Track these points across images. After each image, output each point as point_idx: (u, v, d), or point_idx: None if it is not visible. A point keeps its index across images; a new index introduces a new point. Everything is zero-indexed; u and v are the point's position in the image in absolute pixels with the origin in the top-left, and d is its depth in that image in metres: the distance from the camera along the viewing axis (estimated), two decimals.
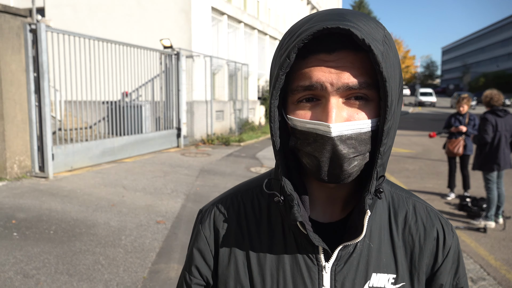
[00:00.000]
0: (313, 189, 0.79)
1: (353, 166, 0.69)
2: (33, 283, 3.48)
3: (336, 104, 0.67)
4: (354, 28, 0.63)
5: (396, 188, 0.87)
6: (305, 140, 0.69)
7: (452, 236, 0.83)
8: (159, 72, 11.00)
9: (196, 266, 0.85)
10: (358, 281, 0.77)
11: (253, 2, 19.42)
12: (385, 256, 0.79)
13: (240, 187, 0.90)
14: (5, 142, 6.81)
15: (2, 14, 6.70)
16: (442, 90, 76.18)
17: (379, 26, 0.69)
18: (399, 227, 0.82)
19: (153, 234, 4.67)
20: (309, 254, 0.77)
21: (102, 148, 8.62)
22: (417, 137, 16.00)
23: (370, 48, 0.63)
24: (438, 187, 7.41)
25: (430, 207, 0.86)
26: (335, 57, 0.66)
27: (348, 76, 0.65)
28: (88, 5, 13.96)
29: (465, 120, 6.43)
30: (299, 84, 0.68)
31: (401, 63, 17.62)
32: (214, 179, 7.49)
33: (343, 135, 0.66)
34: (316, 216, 0.80)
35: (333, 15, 0.67)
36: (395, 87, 0.67)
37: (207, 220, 0.86)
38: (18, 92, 7.01)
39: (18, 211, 5.24)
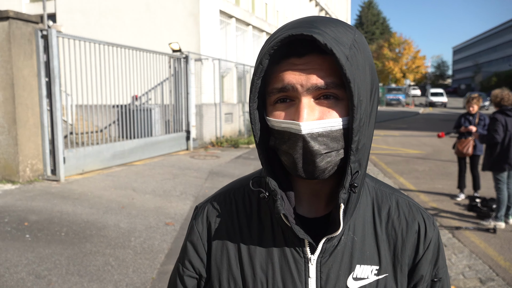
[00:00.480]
0: (298, 186, 0.84)
1: (327, 162, 0.73)
2: (44, 283, 3.54)
3: (307, 104, 0.71)
4: (317, 34, 0.68)
5: (381, 185, 0.92)
6: (281, 139, 0.75)
7: (433, 229, 0.87)
8: (168, 76, 11.09)
9: (189, 259, 0.90)
10: (343, 272, 0.81)
11: (261, 5, 19.48)
12: (369, 249, 0.83)
13: (233, 185, 0.95)
14: (18, 146, 6.94)
15: (14, 20, 6.84)
16: (453, 90, 75.41)
17: (350, 31, 0.73)
18: (383, 221, 0.86)
19: (162, 235, 4.72)
20: (296, 247, 0.82)
21: (112, 151, 8.74)
22: (427, 137, 15.89)
23: (332, 52, 0.67)
24: (448, 188, 7.36)
25: (412, 202, 0.90)
26: (304, 61, 0.72)
27: (316, 77, 0.71)
28: (98, 10, 14.14)
29: (475, 120, 6.39)
30: (273, 87, 0.74)
31: (411, 64, 17.41)
32: (223, 181, 7.53)
33: (314, 133, 0.71)
34: (303, 212, 0.84)
35: (303, 23, 0.72)
36: (364, 87, 0.71)
37: (200, 216, 0.92)
38: (30, 96, 7.13)
39: (30, 213, 5.34)
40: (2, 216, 5.22)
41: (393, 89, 46.46)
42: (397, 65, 58.43)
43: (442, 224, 5.40)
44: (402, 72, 59.10)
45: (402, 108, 40.27)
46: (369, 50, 0.76)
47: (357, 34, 0.74)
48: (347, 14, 45.72)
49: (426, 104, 44.61)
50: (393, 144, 14.23)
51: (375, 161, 10.46)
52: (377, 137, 16.18)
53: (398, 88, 47.03)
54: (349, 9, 46.41)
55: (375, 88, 0.77)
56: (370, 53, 0.77)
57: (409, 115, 31.21)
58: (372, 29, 77.90)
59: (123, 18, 13.81)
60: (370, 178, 0.92)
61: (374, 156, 11.24)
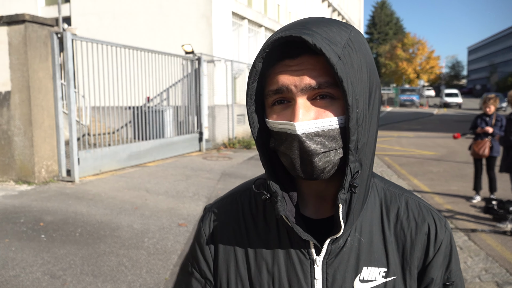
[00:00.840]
0: (302, 187, 0.84)
1: (325, 161, 0.72)
2: (59, 283, 3.58)
3: (303, 104, 0.72)
4: (307, 35, 0.68)
5: (390, 185, 0.90)
6: (279, 140, 0.75)
7: (445, 231, 0.85)
8: (181, 77, 11.15)
9: (196, 259, 0.91)
10: (349, 274, 0.81)
11: (273, 6, 19.48)
12: (376, 251, 0.82)
13: (240, 187, 0.96)
14: (33, 147, 7.04)
15: (30, 24, 6.94)
16: (469, 91, 74.39)
17: (345, 30, 0.73)
18: (391, 222, 0.85)
19: (175, 236, 4.74)
20: (301, 248, 0.82)
21: (128, 152, 8.88)
22: (441, 139, 15.70)
23: (321, 51, 0.67)
24: (463, 190, 7.26)
25: (423, 203, 0.88)
26: (298, 62, 0.72)
27: (309, 77, 0.71)
28: (112, 13, 14.29)
29: (491, 121, 6.28)
30: (269, 89, 0.75)
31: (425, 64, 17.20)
32: (236, 182, 7.53)
33: (309, 133, 0.71)
34: (309, 214, 0.84)
35: (296, 25, 0.73)
36: (360, 87, 0.71)
37: (208, 218, 0.93)
38: (45, 98, 7.23)
39: (45, 214, 5.41)
40: (18, 216, 5.30)
41: (406, 90, 46.00)
42: (411, 65, 57.87)
43: (457, 227, 5.32)
44: (416, 72, 58.50)
45: (416, 109, 39.86)
46: (367, 49, 0.76)
47: (353, 33, 0.74)
48: (360, 14, 45.46)
49: (440, 105, 44.07)
50: (407, 145, 14.08)
51: (389, 163, 10.36)
52: (391, 138, 16.04)
53: (412, 88, 46.55)
54: (362, 9, 46.15)
55: (375, 87, 0.76)
56: (369, 52, 0.76)
57: (423, 116, 30.88)
58: (385, 30, 77.29)
59: (137, 20, 13.94)
60: (379, 178, 0.91)
61: (387, 158, 11.15)
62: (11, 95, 7.11)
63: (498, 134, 6.13)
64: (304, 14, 24.23)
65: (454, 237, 4.91)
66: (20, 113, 7.07)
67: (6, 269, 3.83)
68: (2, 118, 7.23)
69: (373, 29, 78.17)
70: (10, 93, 7.12)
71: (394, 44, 61.49)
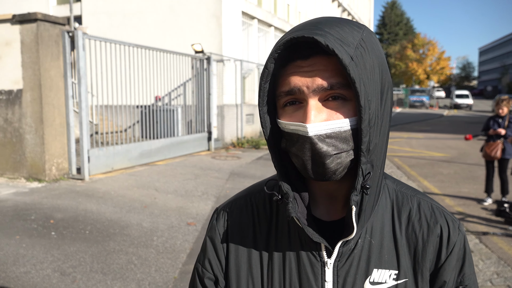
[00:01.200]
0: (313, 188, 0.84)
1: (337, 163, 0.72)
2: (69, 280, 3.60)
3: (315, 105, 0.71)
4: (319, 36, 0.68)
5: (402, 187, 0.89)
6: (291, 141, 0.75)
7: (458, 234, 0.84)
8: (191, 77, 11.18)
9: (209, 260, 0.90)
10: (359, 276, 0.80)
11: (283, 6, 19.46)
12: (387, 253, 0.82)
13: (253, 189, 0.95)
14: (44, 145, 7.10)
15: (42, 22, 7.00)
16: (479, 92, 73.66)
17: (357, 30, 0.73)
18: (403, 224, 0.84)
19: (184, 235, 4.75)
20: (312, 251, 0.81)
21: (140, 151, 8.99)
22: (452, 140, 15.56)
23: (334, 52, 0.67)
24: (475, 192, 7.18)
25: (436, 204, 0.87)
26: (309, 63, 0.72)
27: (321, 78, 0.71)
28: (123, 12, 14.37)
29: (504, 122, 6.21)
30: (281, 90, 0.75)
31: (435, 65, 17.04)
32: (244, 182, 7.53)
33: (321, 134, 0.70)
34: (320, 215, 0.84)
35: (308, 25, 0.72)
36: (372, 87, 0.71)
37: (221, 219, 0.92)
38: (56, 97, 7.29)
39: (56, 211, 5.45)
40: (29, 213, 5.35)
41: (416, 91, 45.69)
42: (421, 66, 57.45)
43: (468, 229, 5.27)
44: (426, 73, 58.06)
45: (425, 110, 39.56)
46: (379, 49, 0.75)
47: (365, 33, 0.73)
48: (370, 14, 45.23)
49: (450, 106, 43.68)
50: (416, 146, 13.97)
51: (399, 164, 10.29)
52: (400, 139, 15.93)
53: (422, 89, 46.23)
54: (372, 9, 45.92)
55: (387, 88, 0.75)
56: (381, 52, 0.76)
57: (433, 117, 30.64)
58: (395, 30, 76.80)
59: (147, 19, 14.00)
60: (391, 179, 0.89)
61: (397, 159, 11.07)
62: (23, 93, 7.18)
63: (510, 136, 6.06)
64: (314, 14, 24.16)
65: None
66: (31, 111, 7.14)
67: (17, 265, 3.86)
68: (14, 116, 7.30)
69: (383, 29, 77.72)
70: (22, 91, 7.19)
71: (404, 45, 61.08)
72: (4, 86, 7.34)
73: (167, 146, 9.90)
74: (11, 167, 7.40)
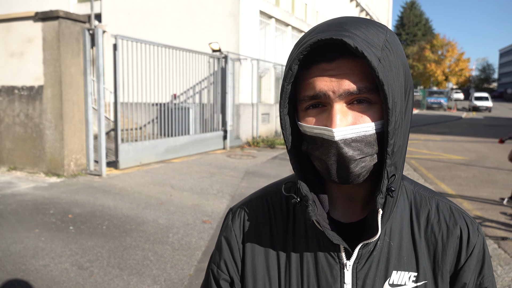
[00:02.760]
0: (332, 190, 0.83)
1: (361, 167, 0.72)
2: (87, 274, 3.66)
3: (340, 109, 0.71)
4: (348, 37, 0.67)
5: (420, 188, 0.88)
6: (314, 145, 0.74)
7: (477, 235, 0.83)
8: (207, 75, 11.23)
9: (225, 261, 0.89)
10: (379, 278, 0.79)
11: (301, 5, 19.39)
12: (406, 255, 0.81)
13: (270, 190, 0.94)
14: (64, 141, 7.22)
15: (63, 20, 7.12)
16: (499, 95, 72.30)
17: (381, 31, 0.72)
18: (421, 226, 0.83)
19: (199, 233, 4.78)
20: (331, 252, 0.81)
21: (166, 146, 9.42)
22: (470, 143, 15.30)
23: (363, 55, 0.66)
24: (494, 196, 7.05)
25: (454, 206, 0.87)
26: (335, 65, 0.70)
27: (348, 82, 0.69)
28: (141, 11, 14.51)
29: None
30: (305, 94, 0.74)
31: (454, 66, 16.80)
32: (259, 181, 7.54)
33: (347, 139, 0.70)
34: (338, 217, 0.84)
35: (332, 26, 0.71)
36: (398, 89, 0.70)
37: (237, 219, 0.91)
38: (76, 93, 7.41)
39: (74, 206, 5.54)
40: (48, 207, 5.45)
41: (434, 92, 45.02)
42: (440, 67, 56.61)
43: (487, 234, 5.18)
44: (445, 75, 57.20)
45: (443, 112, 38.99)
46: (401, 49, 0.75)
47: (389, 34, 0.72)
48: (389, 14, 44.77)
49: (469, 108, 42.97)
50: (434, 149, 13.79)
51: (415, 166, 10.17)
52: (417, 141, 15.74)
53: (440, 91, 45.52)
54: (390, 9, 45.44)
55: (409, 89, 0.75)
56: (403, 52, 0.75)
57: (451, 119, 30.18)
58: (414, 31, 75.86)
59: (165, 18, 14.11)
60: (408, 181, 0.89)
61: (414, 161, 10.94)
62: (44, 90, 7.31)
63: None
64: (332, 13, 24.02)
65: None
66: (51, 107, 7.26)
67: (36, 258, 3.94)
68: (34, 111, 7.44)
69: (401, 29, 76.85)
70: (42, 87, 7.32)
71: (423, 46, 60.30)
72: (25, 82, 7.49)
73: (191, 142, 10.31)
74: (31, 162, 7.55)
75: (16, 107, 7.61)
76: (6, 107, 7.72)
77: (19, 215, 5.13)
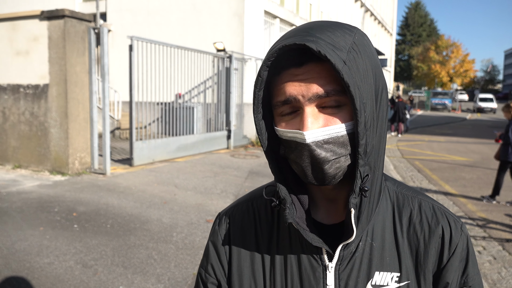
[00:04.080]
0: (313, 192, 0.84)
1: (335, 168, 0.73)
2: (91, 273, 3.68)
3: (311, 112, 0.72)
4: (311, 42, 0.68)
5: (403, 188, 0.89)
6: (289, 148, 0.76)
7: (460, 234, 0.83)
8: (211, 75, 11.24)
9: (212, 265, 0.91)
10: (361, 279, 0.80)
11: (305, 5, 19.37)
12: (389, 255, 0.82)
13: (255, 193, 0.96)
14: (68, 139, 7.25)
15: (69, 19, 7.14)
16: (504, 96, 71.90)
17: (349, 33, 0.73)
18: (404, 226, 0.84)
19: (203, 232, 4.78)
20: (313, 255, 0.82)
21: (178, 144, 9.72)
22: (474, 144, 15.25)
23: (327, 58, 0.67)
24: (498, 198, 7.02)
25: (437, 205, 0.86)
26: (303, 70, 0.72)
27: (316, 86, 0.71)
28: (146, 10, 14.54)
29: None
30: (277, 100, 0.75)
31: (459, 67, 16.80)
32: (263, 181, 7.54)
33: (319, 141, 0.71)
34: (320, 218, 0.85)
35: (299, 31, 0.72)
36: (366, 90, 0.71)
37: (224, 224, 0.93)
38: (81, 92, 7.43)
39: (78, 204, 5.56)
40: (53, 205, 5.47)
41: (439, 93, 44.85)
42: (444, 68, 56.44)
43: (491, 236, 5.16)
44: (449, 76, 57.01)
45: (448, 113, 38.85)
46: (372, 51, 0.75)
47: (357, 36, 0.73)
48: (393, 15, 44.65)
49: (474, 109, 42.79)
50: (438, 150, 13.75)
51: (419, 167, 10.15)
52: (421, 142, 15.70)
53: (444, 92, 45.36)
54: (395, 10, 45.31)
55: (381, 89, 0.76)
56: (374, 54, 0.76)
57: (455, 120, 30.08)
58: (418, 31, 75.62)
59: (170, 17, 14.13)
60: (392, 181, 0.89)
61: (418, 162, 10.92)
62: (49, 88, 7.34)
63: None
64: (336, 13, 23.98)
65: (488, 246, 4.77)
66: (56, 105, 7.29)
67: (40, 256, 3.96)
68: (39, 110, 7.48)
69: (406, 30, 76.63)
70: (48, 86, 7.35)
71: (427, 46, 60.11)
72: (31, 80, 7.52)
73: (201, 141, 10.59)
74: (36, 160, 7.58)
75: (21, 105, 7.65)
76: (11, 105, 7.76)
77: (24, 213, 5.16)
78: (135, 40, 8.02)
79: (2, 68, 7.81)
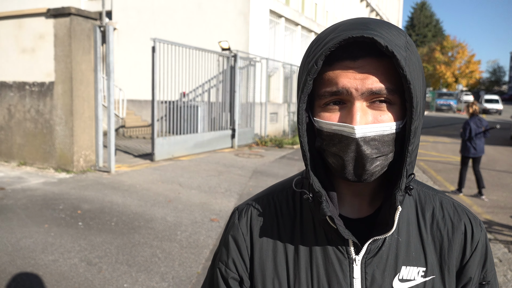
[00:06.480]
0: (340, 187, 0.84)
1: (375, 166, 0.73)
2: (95, 270, 3.68)
3: (360, 107, 0.71)
4: (377, 36, 0.67)
5: (423, 186, 0.91)
6: (330, 141, 0.74)
7: (480, 230, 0.86)
8: (216, 74, 11.24)
9: (233, 259, 0.88)
10: (388, 273, 0.80)
11: (310, 5, 19.33)
12: (414, 250, 0.83)
13: (275, 188, 0.95)
14: (73, 137, 7.26)
15: (75, 17, 7.16)
16: (510, 97, 71.52)
17: (401, 33, 0.73)
18: (427, 222, 0.85)
19: (207, 231, 4.78)
20: (339, 248, 0.82)
21: (195, 141, 10.12)
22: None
23: (393, 54, 0.67)
24: (503, 200, 6.98)
25: (457, 203, 0.89)
26: (359, 64, 0.71)
27: (371, 81, 0.70)
28: (152, 8, 14.55)
29: None
30: (326, 90, 0.73)
31: (464, 68, 16.87)
32: (267, 180, 7.53)
33: (367, 137, 0.71)
34: (346, 212, 0.84)
35: (357, 24, 0.71)
36: (419, 89, 0.72)
37: (244, 218, 0.91)
38: (86, 90, 7.44)
39: (83, 202, 5.57)
40: (58, 203, 5.48)
41: (444, 94, 44.64)
42: (449, 69, 56.14)
43: (497, 238, 5.13)
44: (455, 76, 56.71)
45: (453, 114, 38.69)
46: (418, 53, 0.76)
47: (407, 36, 0.74)
48: (399, 15, 44.50)
49: (479, 111, 42.56)
50: (443, 151, 13.69)
51: (424, 168, 10.10)
52: (426, 143, 15.63)
53: (450, 93, 45.15)
54: (401, 10, 45.16)
55: (425, 90, 0.76)
56: (419, 56, 0.77)
57: (461, 121, 29.93)
58: (424, 32, 75.31)
59: (175, 16, 14.14)
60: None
61: (423, 163, 10.87)
62: (55, 86, 7.36)
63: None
64: (342, 13, 23.92)
65: (493, 249, 4.74)
66: (62, 103, 7.31)
67: (45, 253, 3.96)
68: (45, 107, 7.50)
69: (411, 30, 76.33)
70: (53, 83, 7.37)
71: (433, 47, 59.80)
72: (36, 78, 7.55)
73: (216, 138, 10.93)
74: (41, 157, 7.61)
75: (27, 103, 7.67)
76: (17, 103, 7.79)
77: (28, 210, 5.17)
78: (158, 42, 8.44)
79: (8, 65, 7.84)
